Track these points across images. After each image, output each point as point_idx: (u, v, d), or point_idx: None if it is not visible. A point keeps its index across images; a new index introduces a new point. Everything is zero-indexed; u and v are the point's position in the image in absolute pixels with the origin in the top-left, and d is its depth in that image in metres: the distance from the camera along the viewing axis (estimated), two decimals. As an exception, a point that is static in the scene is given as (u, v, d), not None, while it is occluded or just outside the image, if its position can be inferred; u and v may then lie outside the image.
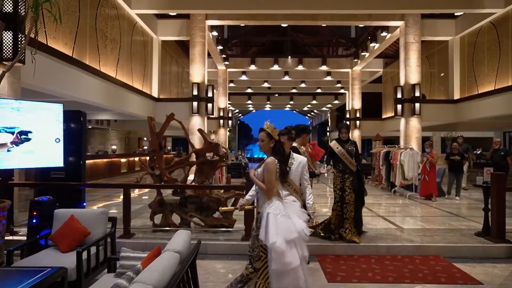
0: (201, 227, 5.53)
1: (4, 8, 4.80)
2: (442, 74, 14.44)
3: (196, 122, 11.99)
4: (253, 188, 3.16)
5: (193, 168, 6.32)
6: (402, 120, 12.32)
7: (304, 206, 3.38)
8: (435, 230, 5.77)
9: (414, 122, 12.01)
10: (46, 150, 3.81)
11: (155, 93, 13.29)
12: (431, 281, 3.87)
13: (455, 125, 15.29)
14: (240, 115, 42.87)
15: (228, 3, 10.84)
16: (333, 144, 5.08)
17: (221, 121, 18.49)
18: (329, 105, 30.74)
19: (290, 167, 3.31)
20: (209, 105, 12.39)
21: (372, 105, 21.98)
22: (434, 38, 13.50)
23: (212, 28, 13.74)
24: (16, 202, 5.72)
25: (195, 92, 12.10)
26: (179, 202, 5.60)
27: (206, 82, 12.40)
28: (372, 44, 15.67)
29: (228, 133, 20.61)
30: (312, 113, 41.35)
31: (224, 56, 17.49)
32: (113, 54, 10.19)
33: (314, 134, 41.01)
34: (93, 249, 3.44)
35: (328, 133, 32.26)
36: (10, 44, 4.91)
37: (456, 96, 13.18)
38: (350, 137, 15.58)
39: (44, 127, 3.78)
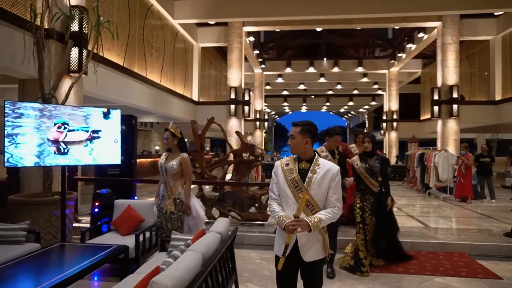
0: (238, 220, 6.05)
1: (71, 28, 5.60)
2: (486, 73, 14.03)
3: (234, 124, 12.62)
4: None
5: (231, 167, 6.88)
6: (439, 122, 12.20)
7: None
8: (463, 230, 5.90)
9: (452, 124, 11.86)
10: (107, 150, 4.49)
11: (195, 97, 14.10)
12: (452, 274, 4.11)
13: (499, 127, 14.80)
14: (276, 116, 43.31)
15: (264, 11, 11.36)
16: (355, 159, 4.34)
17: (258, 123, 19.04)
18: (366, 107, 30.42)
19: (310, 177, 2.28)
20: (246, 107, 12.98)
21: (411, 106, 21.60)
22: (474, 38, 13.21)
23: (249, 33, 14.35)
24: (79, 195, 6.56)
25: (232, 96, 12.73)
26: (218, 197, 6.17)
27: (243, 86, 12.99)
28: (409, 45, 15.55)
29: (264, 134, 21.14)
30: (349, 115, 40.95)
31: (260, 60, 18.07)
32: (158, 61, 11.05)
33: (351, 135, 40.58)
34: (147, 234, 4.05)
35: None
36: (76, 59, 5.71)
37: (498, 97, 12.80)
38: (387, 140, 15.28)
39: (105, 130, 4.46)
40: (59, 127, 4.10)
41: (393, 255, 4.41)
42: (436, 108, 12.21)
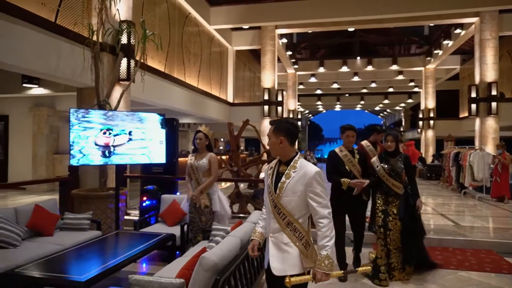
0: (271, 216, 6.46)
1: (121, 41, 6.24)
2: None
3: (267, 125, 13.02)
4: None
5: (265, 165, 7.30)
6: (477, 120, 11.93)
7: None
8: (495, 228, 5.95)
9: (491, 122, 11.56)
10: (154, 150, 5.05)
11: (230, 99, 14.66)
12: (476, 269, 4.28)
13: (545, 125, 14.15)
14: (310, 115, 43.27)
15: (296, 14, 11.67)
16: (374, 160, 4.00)
17: (291, 122, 19.30)
18: (402, 104, 29.75)
19: (283, 182, 2.07)
20: (279, 108, 13.35)
21: (449, 104, 20.97)
22: (515, 33, 12.74)
23: (282, 35, 14.70)
24: (128, 191, 7.24)
25: (266, 97, 13.15)
26: (253, 194, 6.61)
27: (276, 87, 13.37)
28: (445, 42, 15.21)
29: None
30: (385, 113, 40.09)
31: (293, 60, 18.35)
32: (195, 66, 11.69)
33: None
34: (190, 225, 4.55)
35: (402, 133, 31.21)
36: (125, 69, 6.36)
37: (542, 93, 12.30)
38: (424, 138, 14.85)
39: (152, 132, 5.02)
40: (104, 133, 4.69)
41: (420, 262, 4.07)
42: (473, 106, 11.94)
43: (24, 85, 8.82)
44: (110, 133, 4.69)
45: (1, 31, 4.51)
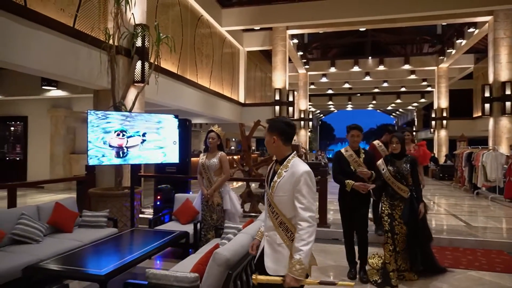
0: (282, 215, 6.55)
1: (136, 44, 6.42)
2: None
3: (278, 125, 13.11)
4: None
5: (275, 165, 7.40)
6: (491, 120, 11.80)
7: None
8: (507, 229, 5.92)
9: (504, 122, 11.42)
10: (168, 150, 5.20)
11: (241, 99, 14.80)
12: (486, 269, 4.29)
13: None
14: (321, 115, 43.17)
15: (308, 15, 11.74)
16: (379, 163, 3.93)
17: (302, 122, 19.37)
18: (415, 104, 29.46)
19: (274, 181, 2.09)
20: (290, 108, 13.43)
21: (462, 103, 20.72)
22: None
23: (293, 36, 14.76)
24: (142, 190, 7.43)
25: (277, 97, 13.24)
26: (264, 194, 6.71)
27: (287, 87, 13.45)
28: (458, 41, 15.06)
29: (309, 133, 21.39)
30: (397, 112, 39.73)
31: (304, 60, 18.39)
32: (207, 67, 11.85)
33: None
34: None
35: (414, 133, 30.88)
36: (140, 71, 6.53)
37: (558, 92, 12.06)
38: (437, 138, 14.54)
39: (166, 133, 5.17)
40: (118, 134, 4.85)
41: (427, 267, 4.00)
42: (487, 105, 11.82)
43: (43, 87, 9.12)
44: (123, 135, 4.86)
45: (23, 36, 4.72)
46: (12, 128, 11.80)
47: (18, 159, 11.62)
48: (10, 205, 4.87)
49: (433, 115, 18.92)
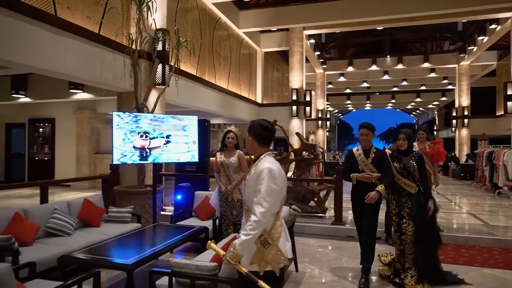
0: (299, 213, 6.69)
1: (157, 48, 6.69)
2: None
3: (296, 125, 13.23)
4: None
5: (292, 164, 7.53)
6: (514, 118, 11.55)
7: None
8: (526, 228, 5.86)
9: (528, 120, 11.17)
10: (188, 150, 5.43)
11: (259, 99, 14.97)
12: (502, 267, 4.31)
13: None
14: (339, 115, 42.87)
15: (324, 15, 11.80)
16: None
17: (319, 122, 19.38)
18: (436, 102, 28.90)
19: (246, 179, 2.25)
20: (307, 108, 13.51)
21: (485, 101, 20.24)
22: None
23: (310, 36, 14.83)
24: (163, 188, 7.72)
25: (294, 97, 13.35)
26: (280, 192, 6.86)
27: (304, 87, 13.54)
28: (480, 38, 14.76)
29: (327, 133, 21.34)
30: (417, 111, 39.02)
31: (321, 60, 18.40)
32: (225, 68, 12.09)
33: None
34: (221, 219, 4.88)
35: (435, 132, 30.31)
36: (160, 74, 6.80)
37: None
38: (458, 137, 14.16)
39: (186, 133, 5.41)
40: (141, 136, 5.11)
41: (430, 269, 3.72)
42: (510, 103, 11.58)
43: (70, 90, 9.58)
44: (146, 136, 5.12)
45: (53, 43, 5.04)
46: (41, 130, 12.40)
47: (46, 159, 12.19)
48: (43, 201, 5.21)
49: (454, 114, 18.57)
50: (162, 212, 6.86)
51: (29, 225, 3.78)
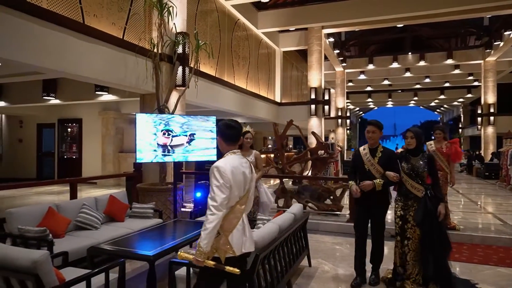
0: (314, 210, 6.82)
1: (177, 51, 6.96)
2: None
3: (314, 123, 13.28)
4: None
5: (309, 163, 7.65)
6: (540, 116, 11.19)
7: None
8: (547, 228, 5.77)
9: (556, 118, 10.80)
10: (207, 149, 5.67)
11: (277, 98, 15.11)
12: (517, 266, 4.32)
13: None
14: (361, 113, 42.33)
15: (343, 14, 11.80)
16: None
17: (339, 120, 19.30)
18: (461, 99, 28.14)
19: None
20: (326, 107, 13.53)
21: (513, 98, 19.57)
22: None
23: (329, 34, 14.82)
24: (183, 185, 8.00)
25: (312, 96, 13.40)
26: (297, 190, 7.01)
27: (323, 86, 13.57)
28: (507, 32, 14.32)
29: (347, 131, 21.21)
30: (442, 108, 38.04)
31: (341, 58, 18.32)
32: (244, 68, 12.30)
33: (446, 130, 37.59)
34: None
35: (460, 130, 29.51)
36: (181, 76, 7.06)
37: None
38: (483, 135, 13.83)
39: (206, 133, 5.64)
40: (164, 133, 5.36)
41: (439, 277, 3.42)
42: (536, 100, 11.23)
43: (96, 92, 10.05)
44: (168, 134, 5.38)
45: (81, 49, 5.38)
46: (69, 130, 13.03)
47: (74, 157, 12.79)
48: (72, 197, 5.56)
49: (479, 111, 18.09)
50: (182, 209, 7.13)
51: (61, 219, 4.10)
